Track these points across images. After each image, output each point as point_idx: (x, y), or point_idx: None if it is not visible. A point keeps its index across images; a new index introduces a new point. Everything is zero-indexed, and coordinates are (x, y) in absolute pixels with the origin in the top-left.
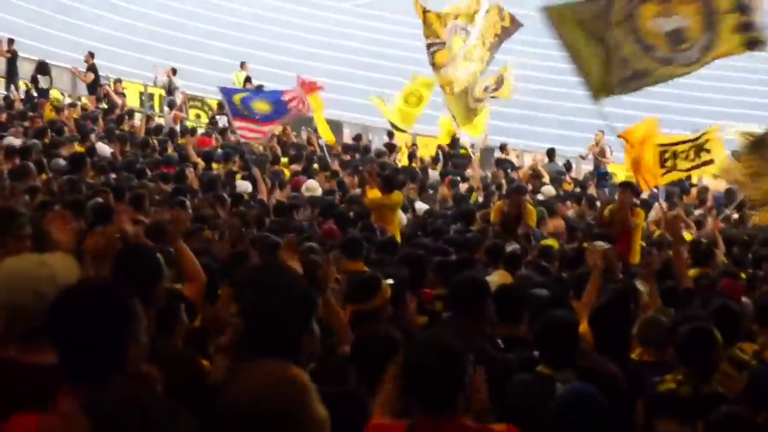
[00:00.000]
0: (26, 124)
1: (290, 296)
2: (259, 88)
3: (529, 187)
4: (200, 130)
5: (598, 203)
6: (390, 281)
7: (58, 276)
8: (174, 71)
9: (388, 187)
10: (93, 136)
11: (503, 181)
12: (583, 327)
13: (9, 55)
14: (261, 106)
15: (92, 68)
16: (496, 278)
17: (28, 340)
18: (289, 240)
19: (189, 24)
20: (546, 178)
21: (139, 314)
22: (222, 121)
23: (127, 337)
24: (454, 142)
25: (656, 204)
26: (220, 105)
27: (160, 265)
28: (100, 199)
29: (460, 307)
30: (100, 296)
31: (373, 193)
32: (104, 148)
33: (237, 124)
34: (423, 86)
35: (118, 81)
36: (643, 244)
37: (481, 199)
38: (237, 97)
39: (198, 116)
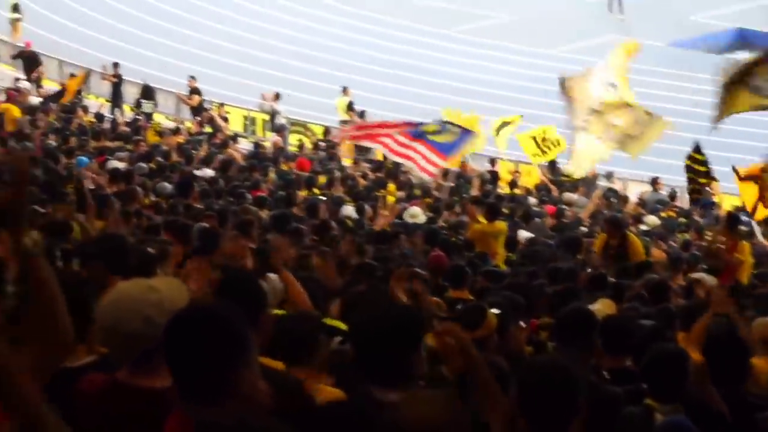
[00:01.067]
0: (130, 147)
1: (398, 318)
2: (362, 114)
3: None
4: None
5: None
6: (496, 311)
7: (166, 301)
8: (277, 96)
9: (491, 215)
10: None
11: (606, 211)
12: (697, 357)
13: (115, 79)
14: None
15: (195, 91)
16: (601, 307)
17: (138, 365)
18: (398, 272)
19: (291, 49)
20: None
21: (252, 339)
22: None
23: (240, 361)
24: (554, 168)
25: None
26: (325, 131)
27: (264, 293)
28: (206, 224)
29: (567, 338)
30: (216, 319)
31: (476, 221)
32: (207, 172)
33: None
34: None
35: (221, 105)
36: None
37: (585, 229)
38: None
39: (300, 141)
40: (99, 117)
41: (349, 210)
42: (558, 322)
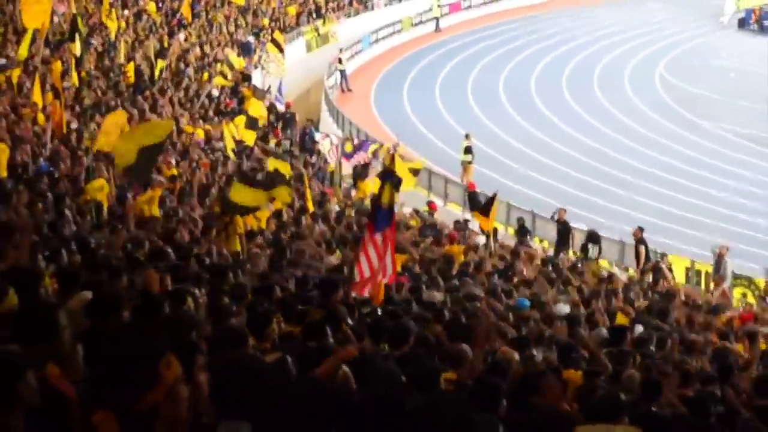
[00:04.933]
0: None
1: None
2: None
3: None
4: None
5: None
6: None
7: None
8: (726, 249)
9: None
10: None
11: None
12: None
13: (560, 225)
14: None
15: (641, 242)
16: None
17: None
18: None
19: (737, 201)
20: None
21: None
22: None
23: None
24: None
25: None
26: None
27: None
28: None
29: None
30: None
31: None
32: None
33: None
34: None
35: (664, 255)
36: None
37: None
38: None
39: (744, 295)
40: (545, 261)
41: None
42: None
